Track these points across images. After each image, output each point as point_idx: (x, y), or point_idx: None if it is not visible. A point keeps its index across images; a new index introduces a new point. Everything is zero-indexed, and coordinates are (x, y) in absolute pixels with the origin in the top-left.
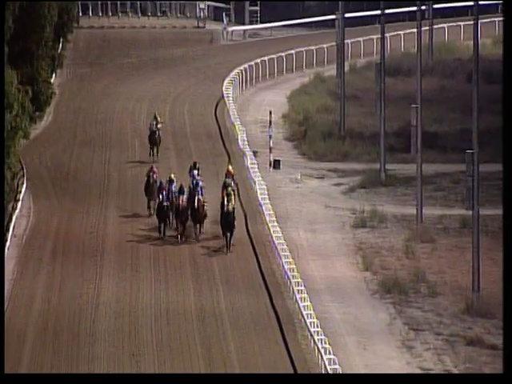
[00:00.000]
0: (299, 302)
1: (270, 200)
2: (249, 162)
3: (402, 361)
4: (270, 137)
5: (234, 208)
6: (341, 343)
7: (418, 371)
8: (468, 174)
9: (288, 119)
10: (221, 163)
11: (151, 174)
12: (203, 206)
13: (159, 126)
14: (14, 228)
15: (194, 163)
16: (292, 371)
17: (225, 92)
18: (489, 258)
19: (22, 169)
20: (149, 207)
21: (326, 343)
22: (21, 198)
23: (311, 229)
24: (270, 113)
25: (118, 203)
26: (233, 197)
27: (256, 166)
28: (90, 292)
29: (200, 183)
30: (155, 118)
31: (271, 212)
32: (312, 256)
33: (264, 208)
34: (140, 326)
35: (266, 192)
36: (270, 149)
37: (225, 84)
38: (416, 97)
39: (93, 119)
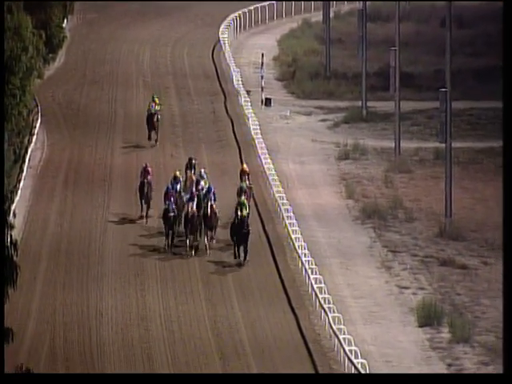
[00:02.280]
0: (288, 226)
1: (261, 134)
2: (242, 100)
3: (381, 280)
4: (262, 77)
5: (247, 216)
6: (326, 264)
7: (395, 289)
8: (441, 110)
9: (278, 61)
10: (217, 101)
11: (145, 175)
12: (216, 213)
13: (158, 108)
14: (29, 160)
15: (190, 160)
16: (282, 289)
17: (221, 36)
18: (460, 186)
19: (37, 106)
20: (142, 215)
21: (312, 264)
22: (35, 132)
23: (299, 161)
24: (262, 55)
25: (124, 136)
26: (246, 206)
27: (249, 103)
28: (98, 217)
29: (212, 188)
30: (153, 100)
31: (263, 145)
32: (300, 185)
33: (256, 141)
34: (144, 251)
35: (258, 127)
36: (262, 88)
37: (221, 29)
38: (394, 40)
39: (101, 60)
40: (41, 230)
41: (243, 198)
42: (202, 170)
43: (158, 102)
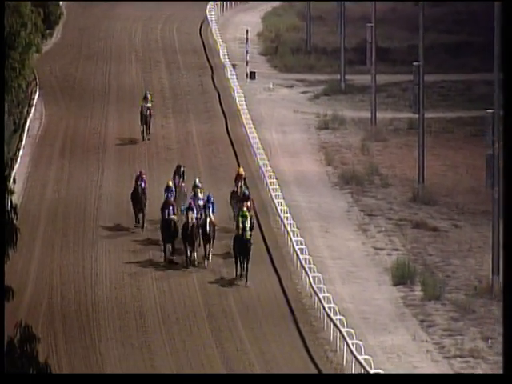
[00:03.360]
0: (271, 192)
1: (246, 106)
2: (229, 73)
3: (358, 241)
4: (247, 52)
5: (251, 232)
6: (306, 227)
7: (371, 250)
8: (414, 83)
9: (262, 37)
10: (205, 75)
11: (139, 182)
12: (214, 225)
13: (149, 105)
14: (28, 129)
15: (178, 167)
16: (265, 251)
17: (208, 14)
18: (432, 154)
19: (35, 79)
20: (137, 221)
21: (294, 227)
22: (34, 103)
23: (282, 130)
24: (247, 31)
25: (118, 107)
26: (249, 219)
27: (235, 76)
28: (93, 184)
29: (211, 198)
30: (145, 97)
31: (247, 116)
32: (282, 153)
33: (242, 112)
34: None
35: (243, 99)
36: (247, 62)
37: (208, 7)
38: (371, 17)
39: (95, 37)
40: (39, 196)
41: (245, 209)
42: (197, 180)
43: (150, 98)
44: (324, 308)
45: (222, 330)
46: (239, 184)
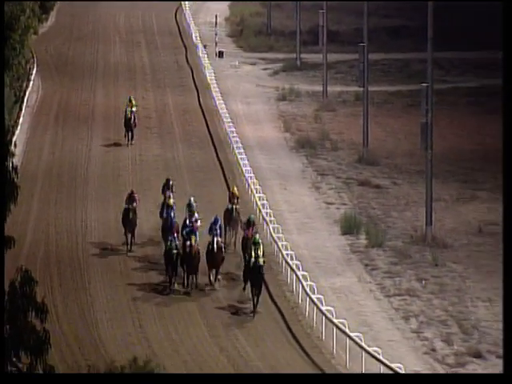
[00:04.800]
0: (237, 155)
1: (216, 80)
2: (200, 52)
3: (312, 197)
4: (216, 34)
5: (264, 261)
6: (268, 185)
7: (323, 205)
8: (360, 61)
9: (229, 21)
10: (179, 54)
11: (132, 203)
12: (221, 248)
13: (134, 109)
14: (27, 101)
15: (167, 180)
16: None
17: (182, 1)
18: (375, 122)
19: (33, 57)
20: (127, 243)
21: (256, 185)
22: (32, 78)
23: (246, 102)
24: (216, 16)
25: (104, 82)
26: (261, 246)
27: (206, 55)
28: (84, 147)
29: (219, 221)
30: (130, 101)
31: (217, 89)
32: (246, 122)
33: (211, 86)
34: (122, 172)
35: (213, 75)
36: (216, 43)
37: None
38: (323, 4)
39: (85, 21)
40: (36, 158)
41: (257, 236)
42: (192, 199)
43: (134, 103)
44: (282, 254)
45: None
46: (234, 204)
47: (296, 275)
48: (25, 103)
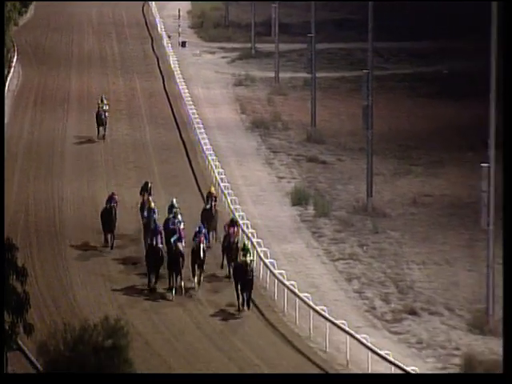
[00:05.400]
0: (198, 135)
1: (179, 67)
2: (165, 42)
3: (265, 172)
4: (179, 26)
5: (252, 263)
6: (226, 161)
7: (275, 179)
8: (308, 50)
9: (191, 14)
10: (146, 43)
11: (111, 203)
12: (204, 250)
13: (106, 107)
14: (8, 86)
15: (146, 183)
16: (193, 179)
17: None
18: (321, 105)
19: (14, 46)
20: (106, 241)
21: (216, 161)
22: (13, 65)
23: (206, 86)
24: (179, 10)
25: (78, 68)
26: (250, 251)
27: (170, 45)
28: (60, 127)
29: (203, 230)
30: (102, 100)
31: (180, 75)
32: (207, 104)
33: (175, 73)
34: (94, 150)
35: (177, 62)
36: (179, 34)
37: None
38: None
39: (60, 14)
40: (17, 137)
41: (247, 242)
42: (174, 200)
43: (106, 102)
44: (240, 224)
45: None
46: (211, 202)
47: (251, 242)
48: (6, 87)
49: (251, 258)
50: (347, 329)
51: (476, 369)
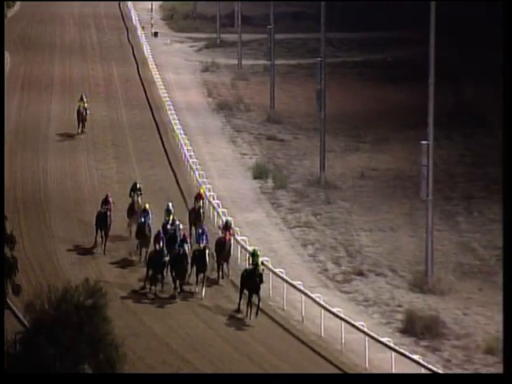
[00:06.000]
0: (170, 116)
1: (152, 55)
2: (139, 33)
3: (230, 149)
4: (152, 18)
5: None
6: (194, 140)
7: (239, 155)
8: (268, 39)
9: (162, 7)
10: (122, 34)
11: (106, 206)
12: (209, 254)
13: (86, 105)
14: None
15: (135, 184)
16: (165, 155)
17: None
18: (280, 88)
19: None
20: (96, 242)
21: (185, 140)
22: None
23: (176, 72)
24: (152, 4)
25: (61, 56)
26: (258, 255)
27: (144, 35)
28: (45, 110)
29: (205, 229)
30: (82, 99)
31: (153, 62)
32: (177, 88)
33: (148, 60)
34: (76, 130)
35: (150, 51)
36: (152, 25)
37: None
38: None
39: (45, 7)
40: (6, 118)
41: (257, 248)
42: (170, 204)
43: (86, 100)
44: (206, 195)
45: None
46: (199, 203)
47: (217, 212)
48: None
49: (260, 261)
50: (302, 288)
51: (416, 323)
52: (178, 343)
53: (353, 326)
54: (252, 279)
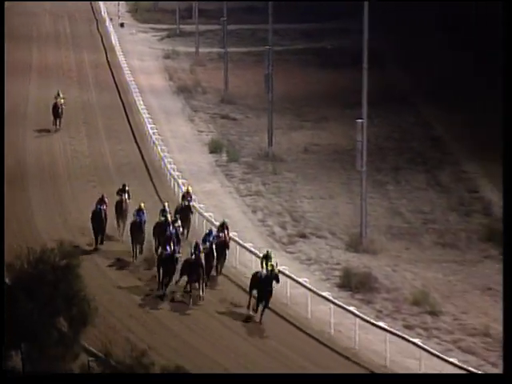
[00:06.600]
0: (135, 97)
1: (119, 44)
2: (107, 23)
3: (188, 127)
4: (119, 10)
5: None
6: (157, 118)
7: (196, 133)
8: (222, 30)
9: (128, 2)
10: (92, 24)
11: (101, 205)
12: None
13: (62, 101)
14: None
15: (123, 185)
16: (131, 132)
17: None
18: (232, 74)
19: None
20: (96, 243)
21: (150, 118)
22: None
23: (141, 59)
24: None
25: (38, 44)
26: (272, 259)
27: (112, 25)
28: (24, 90)
29: (213, 232)
30: (58, 94)
31: (120, 50)
32: (141, 73)
33: (116, 48)
34: (51, 110)
35: (117, 40)
36: (119, 17)
37: None
38: None
39: (23, 2)
40: None
41: (270, 250)
42: (166, 204)
43: (61, 96)
44: (167, 168)
45: None
46: (185, 201)
47: (177, 183)
48: None
49: (274, 265)
50: (253, 249)
51: (352, 279)
52: (143, 298)
53: (297, 282)
54: (265, 285)
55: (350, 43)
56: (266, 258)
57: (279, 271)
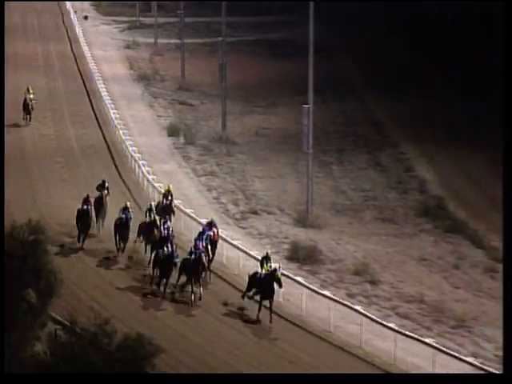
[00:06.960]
0: (99, 85)
1: (83, 35)
2: (72, 16)
3: (148, 113)
4: (83, 4)
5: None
6: (119, 104)
7: (156, 117)
8: (179, 22)
9: None
10: (58, 18)
11: (86, 205)
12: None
13: (32, 96)
14: None
15: (103, 181)
16: (94, 118)
17: None
18: (189, 63)
19: None
20: (79, 241)
21: (112, 104)
22: None
23: (103, 49)
24: None
25: (8, 37)
26: (271, 259)
27: (76, 18)
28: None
29: (206, 231)
30: (28, 90)
31: (84, 41)
32: (104, 62)
33: (80, 39)
34: (22, 98)
35: (81, 31)
36: (82, 10)
37: None
38: None
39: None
40: None
41: (269, 251)
42: (152, 203)
43: (31, 91)
44: (128, 150)
45: None
46: (167, 200)
47: (138, 164)
48: None
49: (278, 265)
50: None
51: (299, 252)
52: (108, 271)
53: (249, 254)
54: (267, 284)
55: (298, 35)
56: (266, 258)
57: (282, 274)
